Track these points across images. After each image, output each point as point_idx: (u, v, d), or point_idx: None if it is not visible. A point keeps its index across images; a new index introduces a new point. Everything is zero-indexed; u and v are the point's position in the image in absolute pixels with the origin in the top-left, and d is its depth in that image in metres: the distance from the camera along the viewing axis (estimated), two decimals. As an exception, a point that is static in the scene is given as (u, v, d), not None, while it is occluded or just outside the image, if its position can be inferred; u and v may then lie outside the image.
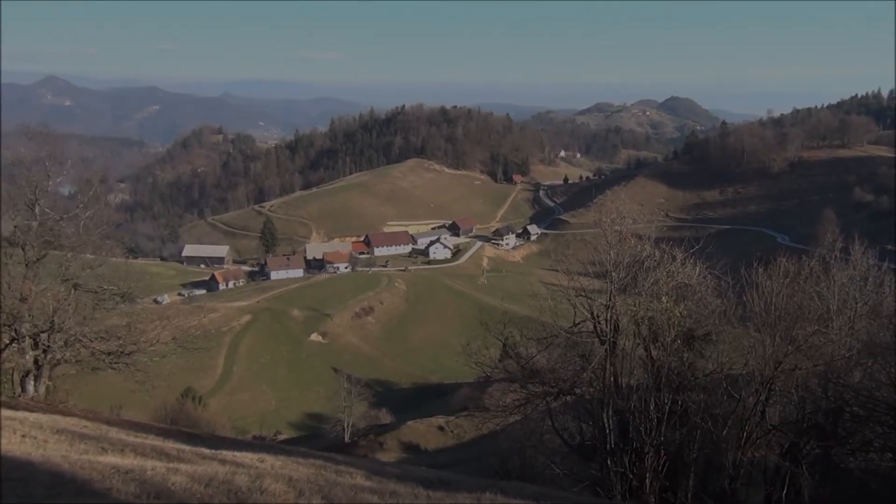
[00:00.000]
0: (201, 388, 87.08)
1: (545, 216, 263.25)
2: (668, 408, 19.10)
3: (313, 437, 76.73)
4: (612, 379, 20.04)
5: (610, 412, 19.80)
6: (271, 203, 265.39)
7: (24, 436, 12.10)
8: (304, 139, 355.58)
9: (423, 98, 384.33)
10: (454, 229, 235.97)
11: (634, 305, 19.92)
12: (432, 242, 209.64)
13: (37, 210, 29.51)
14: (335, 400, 77.97)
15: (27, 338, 28.07)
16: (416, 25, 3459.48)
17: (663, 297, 19.56)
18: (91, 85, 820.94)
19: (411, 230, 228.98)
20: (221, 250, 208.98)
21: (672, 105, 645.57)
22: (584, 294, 20.72)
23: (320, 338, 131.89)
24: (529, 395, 21.89)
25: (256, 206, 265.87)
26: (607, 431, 19.78)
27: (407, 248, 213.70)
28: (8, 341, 28.19)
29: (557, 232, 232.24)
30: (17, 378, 29.95)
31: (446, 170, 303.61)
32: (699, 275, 20.92)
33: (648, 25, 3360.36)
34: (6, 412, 16.93)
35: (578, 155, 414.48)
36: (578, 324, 20.55)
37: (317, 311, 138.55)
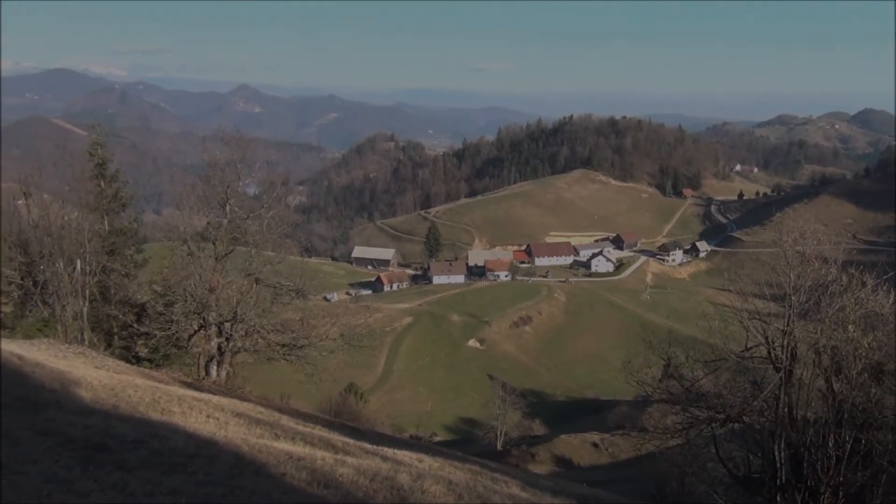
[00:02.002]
0: (363, 385, 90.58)
1: (716, 233, 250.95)
2: (849, 446, 17.50)
3: (466, 442, 77.53)
4: (786, 410, 18.68)
5: (782, 445, 18.46)
6: (437, 209, 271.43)
7: (208, 416, 13.10)
8: (471, 148, 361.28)
9: (592, 108, 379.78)
10: (618, 242, 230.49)
11: (816, 333, 18.48)
12: (595, 255, 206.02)
13: (227, 208, 31.91)
14: (489, 407, 78.41)
15: (213, 326, 30.39)
16: (585, 35, 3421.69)
17: (850, 326, 17.96)
18: (278, 93, 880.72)
19: (573, 241, 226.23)
20: (388, 253, 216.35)
21: (865, 118, 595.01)
22: (758, 317, 19.51)
23: (478, 344, 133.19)
24: (692, 420, 20.88)
25: (422, 212, 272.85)
26: (778, 465, 18.46)
27: (568, 260, 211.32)
28: (196, 328, 30.70)
29: (729, 250, 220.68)
30: (202, 362, 32.55)
31: (612, 181, 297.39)
32: (892, 304, 19.06)
33: (840, 29, 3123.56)
34: (192, 392, 18.44)
35: (756, 169, 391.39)
36: (751, 348, 19.38)
37: (475, 318, 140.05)
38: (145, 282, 35.02)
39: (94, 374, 15.93)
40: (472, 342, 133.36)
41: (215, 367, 31.51)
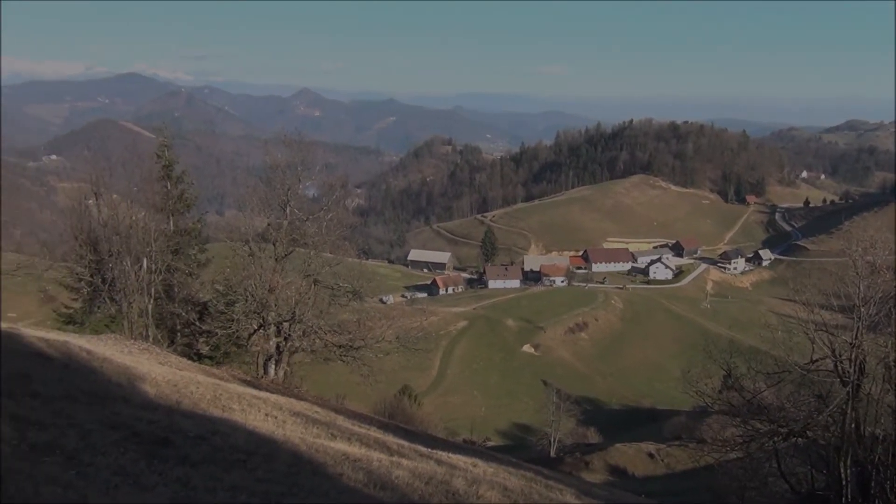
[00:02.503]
0: (417, 387, 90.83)
1: (780, 241, 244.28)
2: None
3: (519, 448, 77.07)
4: (853, 425, 18.08)
5: (848, 462, 17.87)
6: (493, 213, 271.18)
7: (266, 415, 13.33)
8: (528, 152, 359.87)
9: (652, 113, 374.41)
10: (677, 249, 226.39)
11: (886, 346, 17.84)
12: (653, 261, 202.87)
13: (287, 210, 32.48)
14: (543, 413, 77.84)
15: (272, 325, 30.95)
16: (645, 38, 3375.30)
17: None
18: (338, 97, 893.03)
19: (632, 248, 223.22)
20: (443, 256, 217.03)
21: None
22: (824, 329, 18.93)
23: (532, 349, 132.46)
24: (753, 433, 20.37)
25: (479, 216, 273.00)
26: (844, 483, 17.87)
27: (626, 266, 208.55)
28: (256, 327, 31.31)
29: (794, 259, 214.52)
30: (261, 361, 33.17)
31: (672, 187, 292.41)
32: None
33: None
34: (251, 390, 18.80)
35: (823, 176, 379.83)
36: (816, 361, 18.82)
37: (531, 323, 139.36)
38: (208, 281, 35.85)
39: (158, 370, 16.38)
40: (527, 347, 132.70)
41: (273, 366, 32.07)
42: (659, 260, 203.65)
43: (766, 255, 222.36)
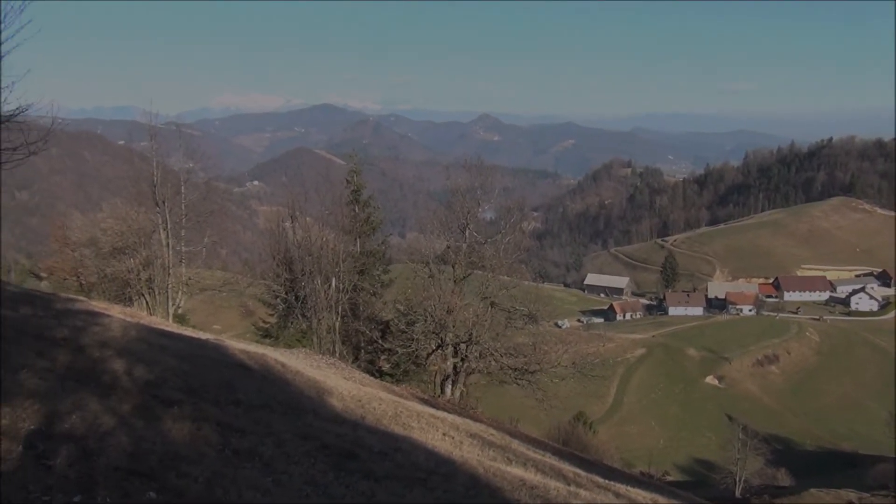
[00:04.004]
0: (592, 415, 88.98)
1: None
2: None
3: (700, 485, 73.21)
4: None
5: None
6: (674, 237, 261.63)
7: (444, 434, 13.59)
8: (713, 173, 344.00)
9: (854, 129, 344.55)
10: (884, 278, 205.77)
11: None
12: (855, 291, 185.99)
13: (466, 233, 33.17)
14: (727, 449, 73.51)
15: (450, 346, 31.61)
16: (843, 49, 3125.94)
17: None
18: (517, 122, 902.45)
19: (830, 276, 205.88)
20: (621, 281, 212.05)
21: None
22: None
23: (716, 381, 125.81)
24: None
25: (659, 240, 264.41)
26: None
27: (823, 296, 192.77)
28: (434, 347, 32.12)
29: None
30: (438, 380, 33.96)
31: (878, 210, 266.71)
32: None
33: None
34: (429, 409, 19.24)
35: None
36: None
37: (714, 353, 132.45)
38: (390, 301, 37.33)
39: (343, 385, 17.21)
40: (710, 379, 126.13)
41: (450, 386, 32.70)
42: (863, 290, 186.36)
43: None
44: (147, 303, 35.88)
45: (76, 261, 41.23)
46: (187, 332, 20.97)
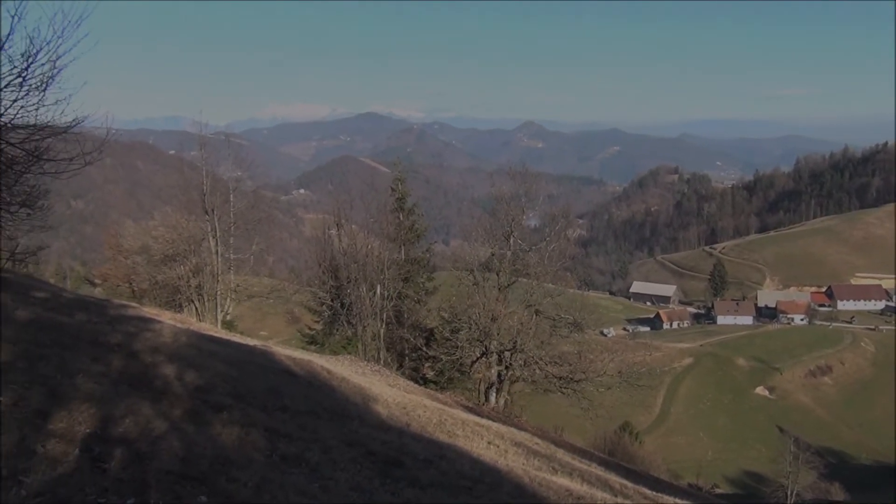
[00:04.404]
0: (638, 425, 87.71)
1: None
2: None
3: (751, 498, 71.63)
4: None
5: None
6: (723, 245, 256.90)
7: (489, 443, 13.55)
8: (763, 179, 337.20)
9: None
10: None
11: None
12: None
13: (511, 241, 33.09)
14: (778, 462, 71.70)
15: (494, 353, 31.54)
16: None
17: None
18: (561, 129, 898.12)
19: (886, 284, 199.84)
20: (668, 289, 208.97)
21: None
22: None
23: (766, 392, 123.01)
24: None
25: (707, 248, 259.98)
26: None
27: (879, 305, 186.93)
28: (478, 355, 32.08)
29: None
30: (482, 388, 33.89)
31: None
32: None
33: None
34: (473, 417, 19.20)
35: None
36: None
37: (764, 363, 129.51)
38: (434, 308, 37.38)
39: (388, 392, 17.29)
40: (760, 390, 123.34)
41: (494, 394, 32.61)
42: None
43: None
44: (196, 309, 36.58)
45: (129, 268, 42.27)
46: (235, 338, 21.32)
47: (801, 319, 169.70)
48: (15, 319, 8.65)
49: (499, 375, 32.59)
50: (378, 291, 34.79)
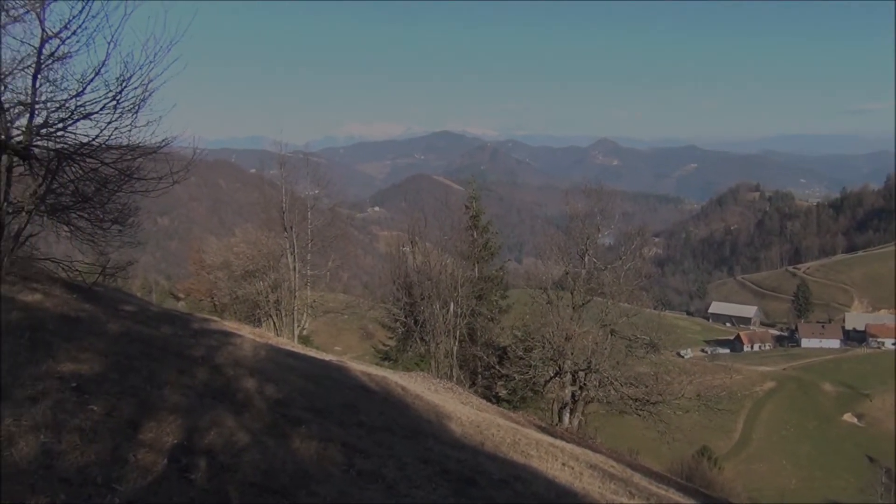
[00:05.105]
0: (717, 450, 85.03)
1: None
2: None
3: (838, 530, 68.39)
4: None
5: None
6: (807, 265, 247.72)
7: (563, 464, 13.35)
8: (851, 197, 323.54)
9: None
10: None
11: None
12: None
13: (586, 259, 32.73)
14: (868, 493, 68.44)
15: (568, 373, 31.17)
16: None
17: None
18: (636, 146, 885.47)
19: None
20: (749, 310, 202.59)
21: None
22: None
23: (855, 419, 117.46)
24: None
25: (790, 268, 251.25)
26: None
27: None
28: (552, 374, 31.75)
29: None
30: (556, 408, 33.50)
31: None
32: None
33: None
34: (547, 438, 18.98)
35: None
36: None
37: (852, 389, 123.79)
38: (507, 326, 37.24)
39: (461, 410, 17.26)
40: (848, 416, 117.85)
41: (568, 415, 32.18)
42: None
43: None
44: (274, 324, 37.46)
45: (211, 283, 43.66)
46: (311, 352, 21.69)
47: (893, 344, 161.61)
48: (107, 332, 9.03)
49: (572, 395, 32.17)
50: (451, 309, 34.90)
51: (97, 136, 10.97)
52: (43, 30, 10.23)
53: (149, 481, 5.06)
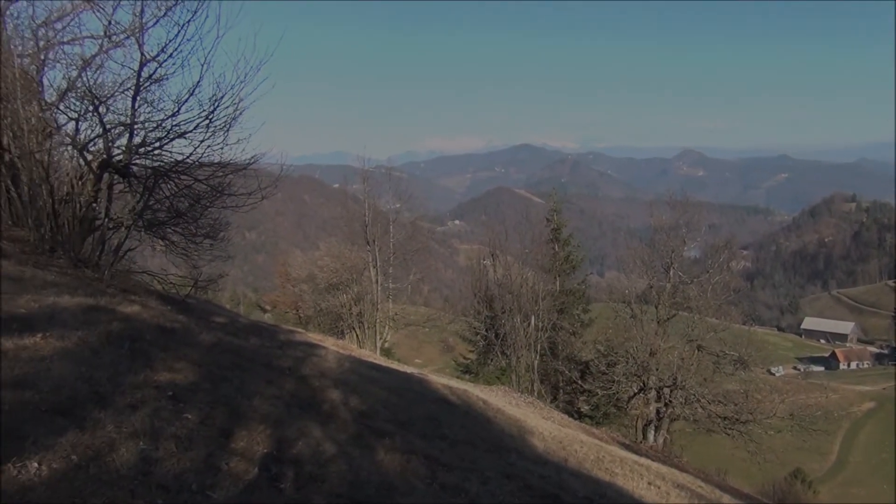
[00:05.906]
0: (811, 472, 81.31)
1: None
2: None
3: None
4: None
5: None
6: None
7: (649, 483, 13.01)
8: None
9: None
10: None
11: None
12: None
13: (671, 273, 31.97)
14: (979, 523, 64.02)
15: (653, 390, 30.45)
16: None
17: None
18: (722, 156, 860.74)
19: None
20: (845, 326, 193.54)
21: None
22: None
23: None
24: None
25: (890, 282, 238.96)
26: None
27: None
28: (636, 390, 31.08)
29: None
30: (639, 425, 32.74)
31: None
32: None
33: None
34: (631, 455, 18.55)
35: None
36: None
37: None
38: (590, 341, 36.71)
39: (543, 425, 17.08)
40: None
41: (653, 432, 31.41)
42: None
43: None
44: (357, 336, 38.02)
45: (296, 295, 44.74)
46: (393, 365, 21.91)
47: None
48: (200, 342, 9.34)
49: (657, 412, 31.38)
50: (532, 322, 34.66)
51: (191, 154, 11.44)
52: (142, 54, 10.74)
53: (241, 489, 5.20)
